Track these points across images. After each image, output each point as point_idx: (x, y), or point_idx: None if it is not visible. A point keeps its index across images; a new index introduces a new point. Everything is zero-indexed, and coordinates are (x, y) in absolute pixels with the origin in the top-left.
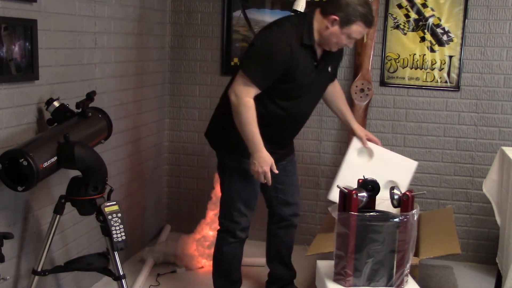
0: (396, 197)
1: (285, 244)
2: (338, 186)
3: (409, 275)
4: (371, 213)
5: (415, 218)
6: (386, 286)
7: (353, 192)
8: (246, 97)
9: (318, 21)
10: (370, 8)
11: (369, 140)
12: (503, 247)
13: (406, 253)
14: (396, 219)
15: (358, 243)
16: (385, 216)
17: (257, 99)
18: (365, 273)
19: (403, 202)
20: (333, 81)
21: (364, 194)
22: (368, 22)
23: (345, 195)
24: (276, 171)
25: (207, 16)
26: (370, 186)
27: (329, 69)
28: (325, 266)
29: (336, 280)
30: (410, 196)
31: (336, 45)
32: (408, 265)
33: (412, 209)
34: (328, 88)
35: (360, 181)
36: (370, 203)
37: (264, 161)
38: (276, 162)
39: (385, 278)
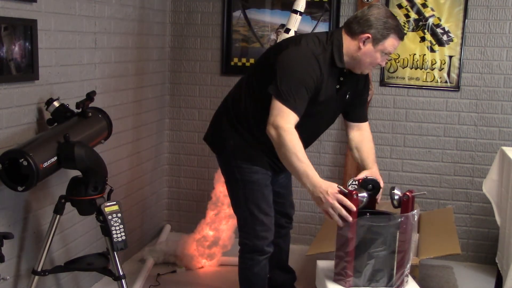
0: (396, 197)
1: (284, 251)
2: (338, 186)
3: (409, 275)
4: (372, 214)
5: (415, 219)
6: (386, 286)
7: (354, 192)
8: (286, 125)
9: (346, 43)
10: (398, 20)
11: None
12: (503, 247)
13: (407, 253)
14: (397, 220)
15: (359, 243)
16: (385, 216)
17: (267, 110)
18: (366, 273)
19: (404, 203)
20: (362, 122)
21: (365, 194)
22: (401, 33)
23: (345, 195)
24: (353, 206)
25: (207, 16)
26: (371, 186)
27: (347, 96)
28: (325, 266)
29: (336, 280)
30: (411, 196)
31: (370, 65)
32: (408, 266)
33: (413, 209)
34: (354, 133)
35: (360, 180)
36: (370, 203)
37: (331, 188)
38: (278, 174)
39: (385, 278)
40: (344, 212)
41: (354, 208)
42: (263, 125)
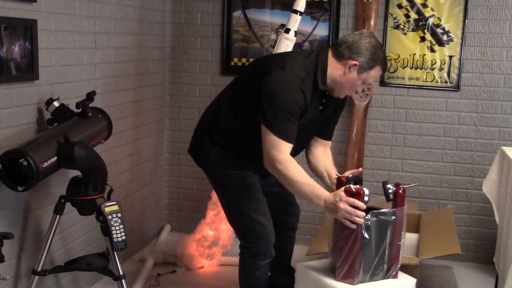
0: (390, 191)
1: (288, 253)
2: (348, 185)
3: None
4: (374, 210)
5: (405, 211)
6: (384, 278)
7: (361, 191)
8: (281, 155)
9: (332, 66)
10: (384, 52)
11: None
12: (501, 247)
13: (399, 246)
14: (393, 214)
15: (365, 241)
16: (382, 212)
17: (252, 125)
18: (369, 268)
19: (400, 196)
20: (328, 140)
21: (367, 192)
22: (386, 66)
23: (353, 195)
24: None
25: (207, 16)
26: (353, 183)
27: (327, 115)
28: (313, 266)
29: (341, 279)
30: (404, 189)
31: (349, 91)
32: (400, 258)
33: (405, 202)
34: (319, 147)
35: (343, 179)
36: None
37: (338, 195)
38: (265, 177)
39: (383, 271)
40: (358, 213)
41: (364, 206)
42: (244, 139)
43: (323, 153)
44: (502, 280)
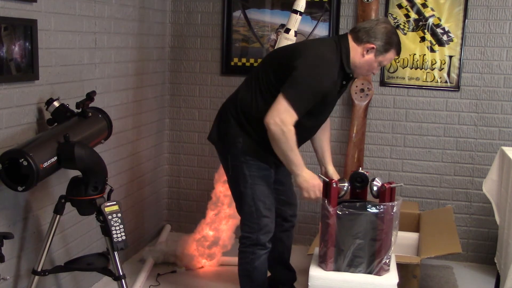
0: (375, 188)
1: (287, 247)
2: (319, 176)
3: (390, 264)
4: (350, 203)
5: (394, 210)
6: (365, 272)
7: (333, 181)
8: (290, 125)
9: (353, 50)
10: (399, 37)
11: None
12: (502, 247)
13: (385, 242)
14: (374, 209)
15: (339, 230)
16: (363, 205)
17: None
18: (345, 259)
19: (381, 193)
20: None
21: (346, 184)
22: (400, 50)
23: (326, 184)
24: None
25: (207, 16)
26: (359, 178)
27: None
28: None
29: (319, 264)
30: (388, 187)
31: (366, 73)
32: (387, 255)
33: (391, 200)
34: None
35: (352, 172)
36: (362, 193)
37: (312, 176)
38: (279, 167)
39: (364, 265)
40: (317, 192)
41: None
42: None
43: (320, 131)
44: (503, 280)
